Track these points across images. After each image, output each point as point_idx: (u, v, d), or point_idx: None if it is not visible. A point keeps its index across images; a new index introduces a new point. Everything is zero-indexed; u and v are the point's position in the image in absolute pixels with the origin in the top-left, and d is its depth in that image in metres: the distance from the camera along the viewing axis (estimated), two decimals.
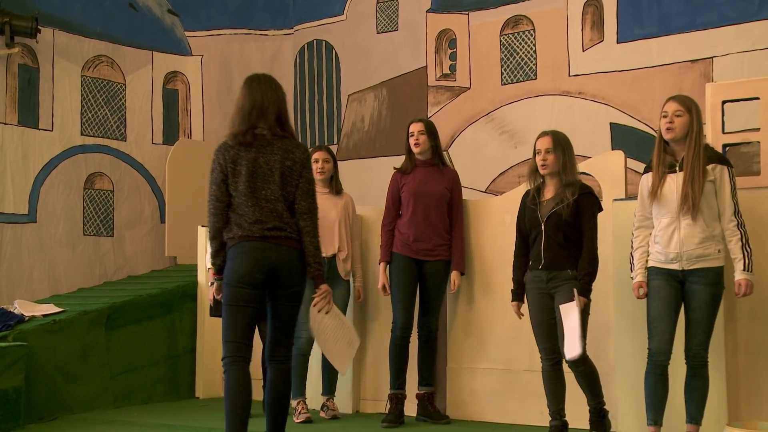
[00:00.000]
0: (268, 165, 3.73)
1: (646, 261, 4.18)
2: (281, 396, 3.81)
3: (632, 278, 4.23)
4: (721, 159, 4.12)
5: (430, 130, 5.24)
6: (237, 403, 3.66)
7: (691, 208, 3.99)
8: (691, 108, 4.08)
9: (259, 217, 3.69)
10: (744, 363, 4.54)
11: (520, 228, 4.53)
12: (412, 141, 5.22)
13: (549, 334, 4.37)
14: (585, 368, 4.31)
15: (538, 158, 4.40)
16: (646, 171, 4.23)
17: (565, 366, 4.38)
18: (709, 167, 4.04)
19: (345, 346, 4.02)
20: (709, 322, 4.07)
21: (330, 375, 5.46)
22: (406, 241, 5.17)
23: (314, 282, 3.82)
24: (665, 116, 4.10)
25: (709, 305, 4.06)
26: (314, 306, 3.84)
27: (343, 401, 5.64)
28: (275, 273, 3.69)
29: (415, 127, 5.22)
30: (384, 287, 5.26)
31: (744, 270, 4.01)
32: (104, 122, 7.84)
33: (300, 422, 5.21)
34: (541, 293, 4.40)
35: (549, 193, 4.41)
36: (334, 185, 5.49)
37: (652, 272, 4.15)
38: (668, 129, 4.08)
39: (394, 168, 5.34)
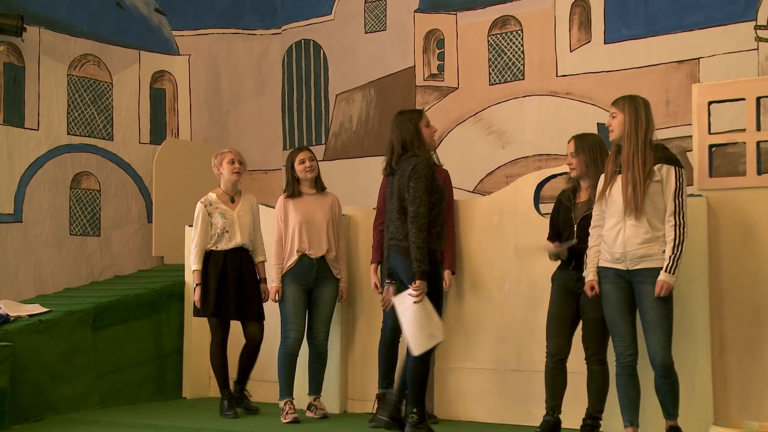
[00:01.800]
0: (393, 185, 4.56)
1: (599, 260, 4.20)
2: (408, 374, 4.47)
3: (584, 276, 4.26)
4: (669, 159, 4.05)
5: None
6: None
7: (634, 209, 3.98)
8: (623, 107, 4.09)
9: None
10: (730, 363, 4.56)
11: (552, 225, 4.60)
12: None
13: (560, 332, 4.42)
14: (602, 368, 4.36)
15: (566, 162, 4.52)
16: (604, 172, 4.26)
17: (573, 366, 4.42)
18: (656, 167, 4.00)
19: (425, 337, 4.39)
20: (665, 323, 4.00)
21: (316, 375, 5.47)
22: None
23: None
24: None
25: (661, 304, 3.98)
26: (410, 295, 4.36)
27: (330, 401, 5.64)
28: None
29: None
30: (376, 286, 5.26)
31: (665, 271, 3.95)
32: (91, 121, 7.81)
33: (287, 422, 5.20)
34: (567, 290, 4.43)
35: (583, 195, 4.48)
36: (319, 184, 5.49)
37: (601, 273, 4.16)
38: (609, 131, 4.15)
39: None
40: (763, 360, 4.49)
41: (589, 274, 4.21)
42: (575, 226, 4.40)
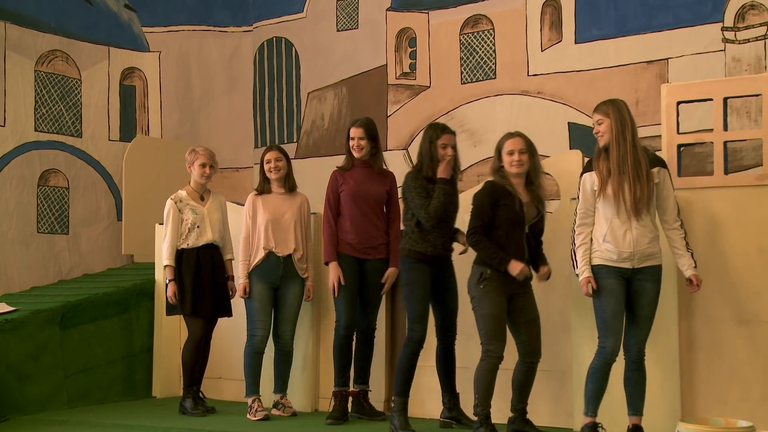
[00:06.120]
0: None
1: (591, 258, 4.24)
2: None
3: (578, 275, 4.28)
4: (661, 162, 4.25)
5: (371, 134, 5.25)
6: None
7: (642, 209, 4.12)
8: (608, 112, 4.21)
9: None
10: (697, 360, 4.62)
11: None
12: (352, 144, 5.23)
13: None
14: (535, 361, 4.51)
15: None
16: (587, 170, 4.30)
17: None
18: (654, 170, 4.15)
19: None
20: (653, 319, 4.23)
21: (282, 373, 5.47)
22: (346, 239, 5.18)
23: None
24: (593, 126, 4.29)
25: (655, 301, 4.22)
26: None
27: (301, 399, 5.63)
28: None
29: (356, 133, 5.22)
30: (338, 282, 5.18)
31: (695, 266, 4.19)
32: (59, 118, 7.71)
33: (258, 419, 5.19)
34: (505, 294, 4.51)
35: (524, 197, 4.52)
36: (288, 183, 5.49)
37: (601, 271, 4.19)
38: (598, 138, 4.26)
39: (337, 167, 5.34)
40: (729, 357, 4.55)
41: (585, 272, 4.22)
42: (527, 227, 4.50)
